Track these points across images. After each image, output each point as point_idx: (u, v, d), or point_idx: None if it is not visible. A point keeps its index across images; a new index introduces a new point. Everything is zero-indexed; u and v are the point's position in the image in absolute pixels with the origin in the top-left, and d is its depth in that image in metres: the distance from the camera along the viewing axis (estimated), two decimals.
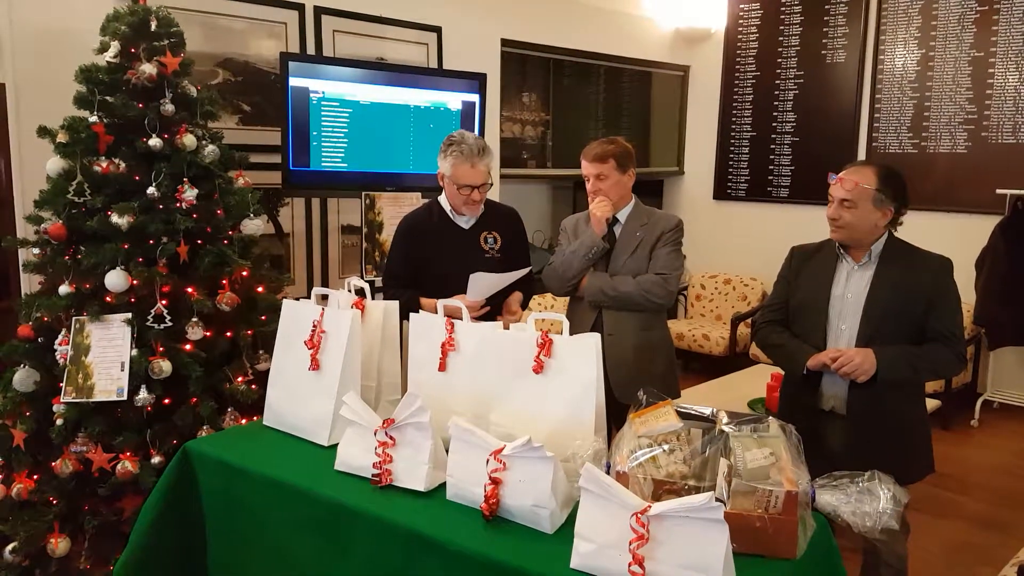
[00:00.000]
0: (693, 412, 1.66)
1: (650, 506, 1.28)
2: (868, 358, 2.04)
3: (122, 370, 2.24)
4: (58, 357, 2.29)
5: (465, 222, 2.57)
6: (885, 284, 2.12)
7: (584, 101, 5.43)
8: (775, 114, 5.58)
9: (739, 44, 5.73)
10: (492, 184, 2.54)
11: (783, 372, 2.37)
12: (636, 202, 2.64)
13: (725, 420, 1.58)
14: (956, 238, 4.35)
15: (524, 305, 2.66)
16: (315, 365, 1.96)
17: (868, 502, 1.45)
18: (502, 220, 2.65)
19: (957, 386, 4.49)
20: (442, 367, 1.88)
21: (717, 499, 1.31)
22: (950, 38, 4.79)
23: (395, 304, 2.09)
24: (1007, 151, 4.62)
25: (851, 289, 2.17)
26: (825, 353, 2.11)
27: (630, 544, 1.26)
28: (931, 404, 3.40)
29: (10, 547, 2.25)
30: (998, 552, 2.88)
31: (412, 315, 1.96)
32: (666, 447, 1.53)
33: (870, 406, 2.12)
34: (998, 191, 4.54)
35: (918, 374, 2.14)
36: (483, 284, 2.39)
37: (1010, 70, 4.60)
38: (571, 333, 1.70)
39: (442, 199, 2.59)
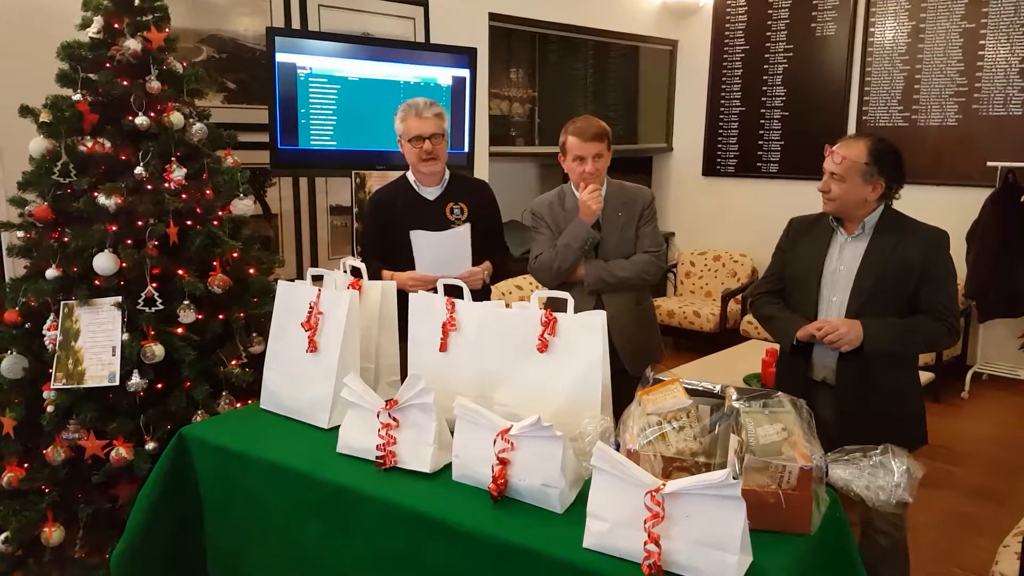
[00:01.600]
0: (701, 389, 1.65)
1: (664, 483, 1.26)
2: (854, 328, 2.06)
3: (113, 355, 2.19)
4: (47, 343, 2.24)
5: (431, 193, 2.57)
6: (877, 257, 2.12)
7: (571, 77, 5.37)
8: (764, 88, 5.55)
9: (728, 17, 5.67)
10: (446, 138, 2.52)
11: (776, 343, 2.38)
12: (608, 179, 2.57)
13: (735, 396, 1.56)
14: (947, 211, 4.35)
15: (495, 279, 2.65)
16: (313, 347, 1.92)
17: (882, 476, 1.44)
18: (470, 191, 2.65)
19: (948, 359, 4.53)
20: (443, 347, 1.85)
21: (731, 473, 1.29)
22: (941, 10, 4.76)
23: (392, 284, 2.05)
24: (998, 123, 4.63)
25: (844, 262, 2.17)
26: (812, 324, 2.13)
27: (645, 522, 1.25)
28: (924, 377, 3.43)
29: (2, 537, 2.20)
30: (994, 522, 2.92)
31: (411, 295, 1.93)
32: (675, 424, 1.52)
33: (859, 377, 2.13)
34: (989, 163, 4.55)
35: (907, 347, 2.16)
36: (426, 245, 2.41)
37: (1001, 42, 4.59)
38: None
39: (408, 174, 2.61)
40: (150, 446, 2.21)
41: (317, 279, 2.04)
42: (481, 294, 2.44)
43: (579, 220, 2.47)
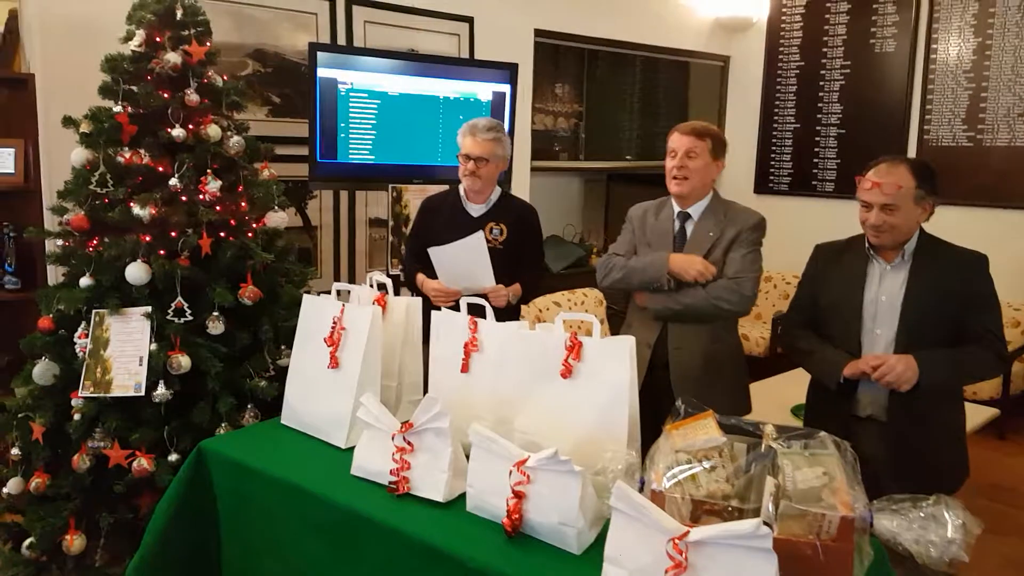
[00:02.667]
0: (737, 425, 1.53)
1: (689, 531, 1.16)
2: (910, 365, 1.94)
3: (140, 365, 2.19)
4: (77, 350, 2.25)
5: (476, 210, 2.63)
6: (921, 286, 2.01)
7: (619, 92, 5.28)
8: (820, 105, 5.36)
9: (782, 33, 5.52)
10: (492, 164, 2.55)
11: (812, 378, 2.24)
12: (714, 196, 2.35)
13: (773, 435, 1.44)
14: (1015, 234, 4.11)
15: (525, 299, 2.61)
16: (334, 363, 1.89)
17: (934, 529, 1.31)
18: (514, 214, 2.64)
19: (1015, 392, 4.25)
20: (464, 368, 1.78)
21: (764, 523, 1.18)
22: (1009, 25, 4.53)
23: (418, 301, 2.01)
24: None
25: (885, 291, 2.05)
26: (864, 360, 2.01)
27: (666, 572, 1.15)
28: (989, 412, 3.20)
29: (26, 543, 2.22)
30: None
31: (434, 313, 1.87)
32: (707, 464, 1.40)
33: (912, 412, 2.01)
34: None
35: (961, 379, 2.07)
36: (444, 259, 2.42)
37: None
38: (635, 345, 1.56)
39: (460, 187, 2.68)
40: (172, 458, 2.20)
41: (342, 294, 2.01)
42: (507, 314, 2.37)
43: (664, 259, 2.26)
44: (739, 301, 2.24)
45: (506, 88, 3.72)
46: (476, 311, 1.80)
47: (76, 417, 2.20)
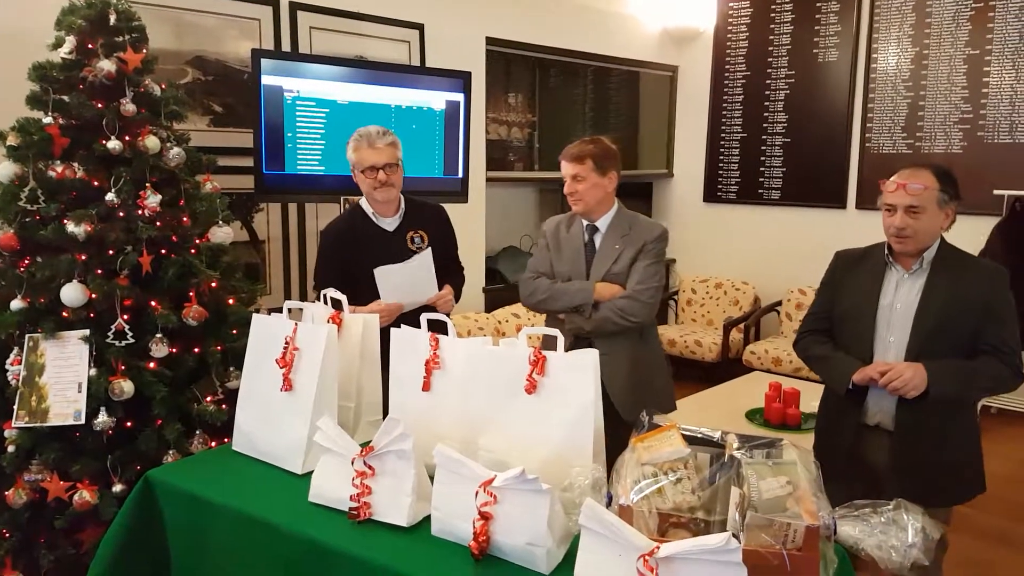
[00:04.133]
0: (700, 435, 1.52)
1: (659, 547, 1.14)
2: (919, 373, 1.93)
3: (79, 391, 2.08)
4: (10, 378, 2.12)
5: (390, 224, 2.49)
6: (937, 295, 2.00)
7: (571, 102, 5.30)
8: (766, 115, 5.48)
9: (729, 43, 5.62)
10: (400, 168, 2.45)
11: (824, 385, 2.25)
12: (618, 208, 2.49)
13: (736, 444, 1.44)
14: (953, 240, 4.25)
15: (456, 299, 2.58)
16: (288, 385, 1.81)
17: (895, 534, 1.32)
18: (428, 218, 2.58)
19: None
20: (426, 387, 1.74)
21: (732, 535, 1.17)
22: (945, 36, 4.70)
23: (375, 317, 1.95)
24: (1004, 151, 4.53)
25: (900, 299, 2.05)
26: (872, 367, 1.99)
27: None
28: None
29: None
30: (1016, 571, 2.77)
31: (394, 330, 1.82)
32: (672, 477, 1.39)
33: (920, 422, 2.00)
34: (995, 192, 4.44)
35: (971, 390, 2.04)
36: (391, 280, 2.34)
37: (1006, 68, 4.52)
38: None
39: (363, 203, 2.51)
40: (117, 488, 2.09)
41: (294, 311, 1.94)
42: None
43: (590, 288, 2.39)
44: (643, 313, 2.40)
45: (460, 97, 3.68)
46: (437, 327, 1.76)
47: (10, 449, 2.08)
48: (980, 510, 3.41)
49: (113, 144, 2.20)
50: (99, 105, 2.23)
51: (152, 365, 2.18)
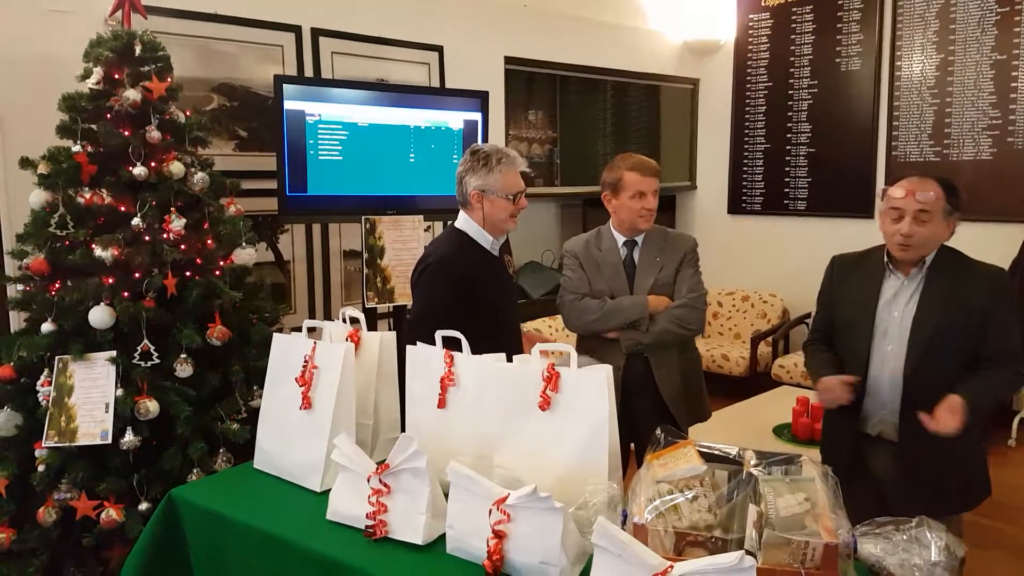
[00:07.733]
0: (717, 452, 1.51)
1: (672, 566, 1.13)
2: (959, 411, 1.84)
3: (106, 411, 2.12)
4: (40, 399, 2.18)
5: (494, 246, 2.28)
6: (935, 301, 1.97)
7: (592, 117, 5.31)
8: (789, 125, 5.43)
9: (750, 55, 5.60)
10: None
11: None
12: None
13: (753, 461, 1.42)
14: (985, 247, 4.14)
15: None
16: (307, 404, 1.83)
17: (918, 552, 1.29)
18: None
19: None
20: (441, 404, 1.74)
21: (747, 552, 1.16)
22: (970, 41, 4.62)
23: (392, 335, 1.96)
24: None
25: (898, 306, 2.02)
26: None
27: None
28: None
29: None
30: None
31: (409, 347, 1.83)
32: (689, 494, 1.38)
33: (924, 432, 1.93)
34: None
35: (994, 403, 2.02)
36: None
37: None
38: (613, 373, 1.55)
39: (466, 228, 2.24)
40: (143, 507, 2.13)
41: (314, 331, 1.96)
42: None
43: (644, 301, 2.41)
44: (699, 320, 2.46)
45: (477, 116, 3.71)
46: (451, 344, 1.76)
47: (40, 468, 2.13)
48: (1015, 524, 3.31)
49: (139, 170, 2.26)
50: (126, 133, 2.30)
51: (177, 385, 2.22)
